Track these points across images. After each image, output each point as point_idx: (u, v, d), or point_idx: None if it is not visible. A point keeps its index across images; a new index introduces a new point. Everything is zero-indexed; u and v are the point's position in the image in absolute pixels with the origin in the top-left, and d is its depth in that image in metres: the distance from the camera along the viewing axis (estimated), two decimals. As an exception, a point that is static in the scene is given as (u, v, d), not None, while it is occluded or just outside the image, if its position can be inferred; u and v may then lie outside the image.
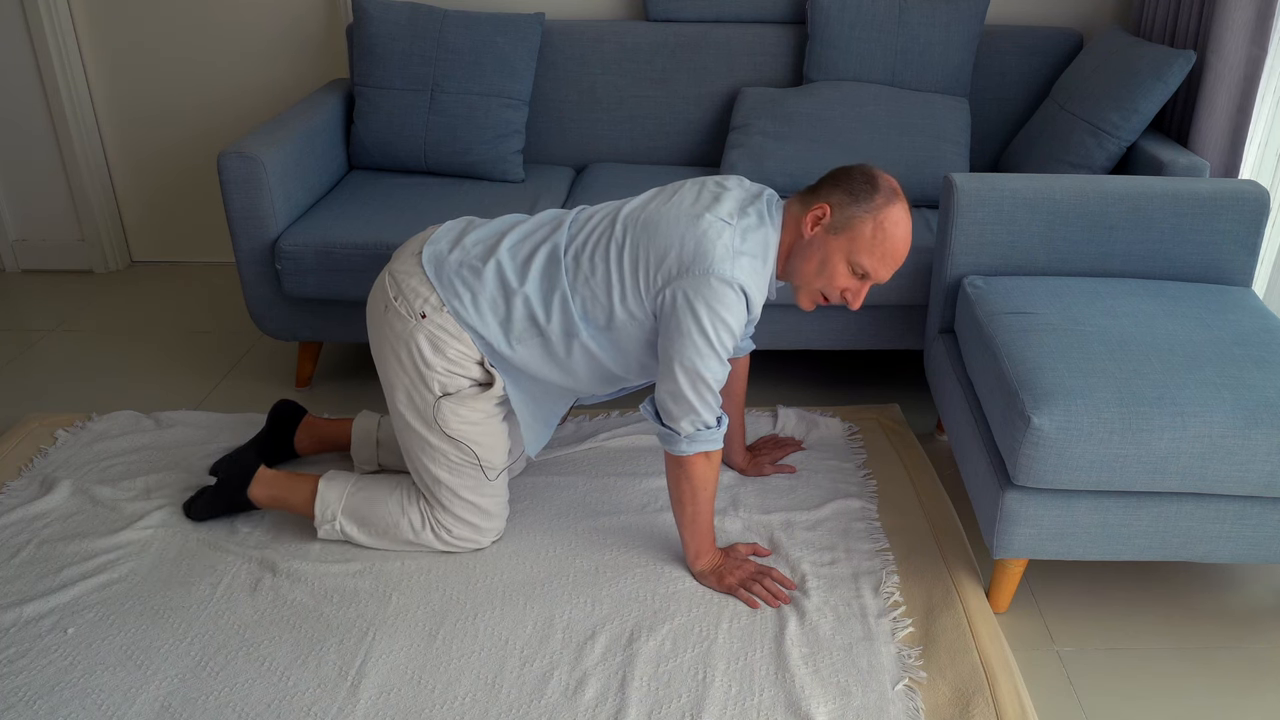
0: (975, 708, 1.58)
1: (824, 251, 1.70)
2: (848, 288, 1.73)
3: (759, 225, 1.71)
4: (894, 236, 1.67)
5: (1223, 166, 2.26)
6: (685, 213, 1.69)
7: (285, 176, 2.42)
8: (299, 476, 1.97)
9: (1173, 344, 1.75)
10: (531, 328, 1.76)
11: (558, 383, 1.84)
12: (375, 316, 1.85)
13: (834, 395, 2.58)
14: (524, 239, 1.80)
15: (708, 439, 1.73)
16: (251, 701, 1.60)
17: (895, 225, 1.67)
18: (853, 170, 1.71)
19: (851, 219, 1.67)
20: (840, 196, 1.68)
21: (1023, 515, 1.71)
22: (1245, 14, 2.18)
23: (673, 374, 1.68)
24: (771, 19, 2.83)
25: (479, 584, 1.86)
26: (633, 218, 1.73)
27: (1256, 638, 1.79)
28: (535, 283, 1.75)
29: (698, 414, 1.70)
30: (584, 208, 1.84)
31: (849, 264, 1.70)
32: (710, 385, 1.69)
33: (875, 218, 1.66)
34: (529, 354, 1.78)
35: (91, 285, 3.29)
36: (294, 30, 3.08)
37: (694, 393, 1.68)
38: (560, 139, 2.90)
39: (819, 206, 1.68)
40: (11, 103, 3.16)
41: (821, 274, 1.72)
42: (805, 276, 1.74)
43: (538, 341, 1.77)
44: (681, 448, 1.73)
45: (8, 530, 2.00)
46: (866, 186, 1.67)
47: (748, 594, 1.80)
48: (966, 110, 2.60)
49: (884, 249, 1.68)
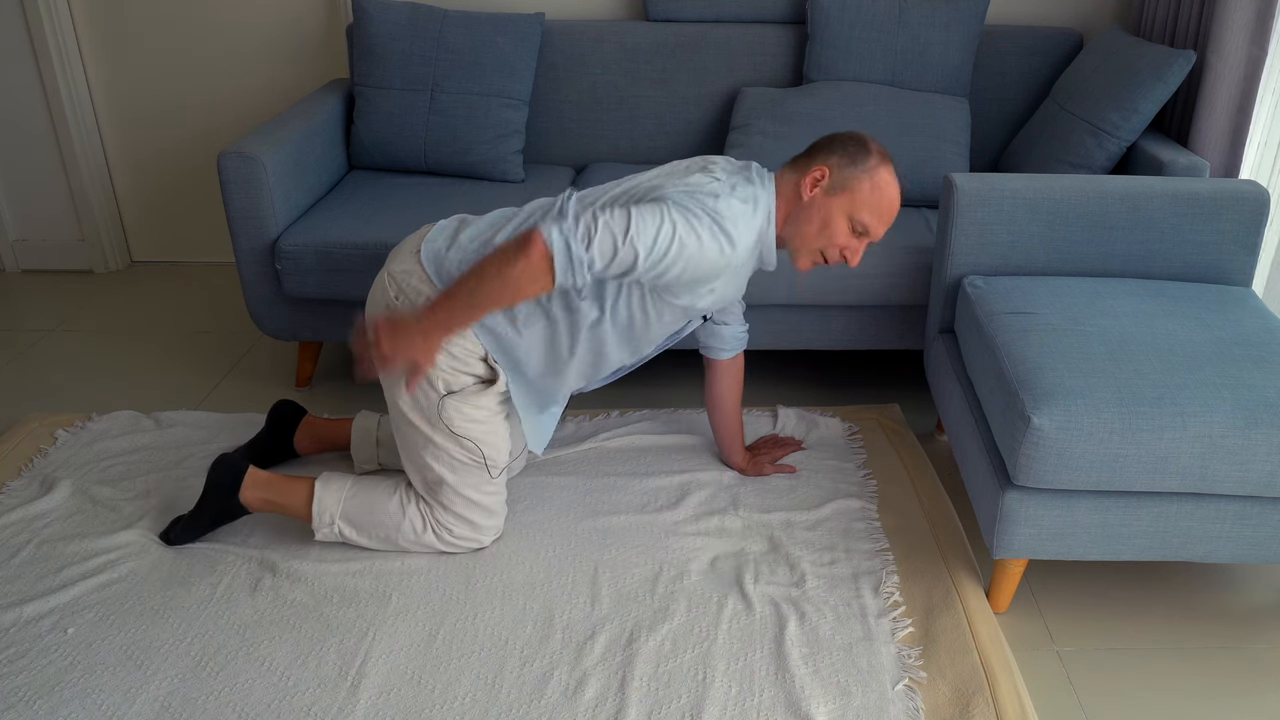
0: (975, 708, 1.58)
1: (825, 212, 1.75)
2: (847, 245, 1.77)
3: (749, 184, 1.75)
4: (889, 195, 1.75)
5: (1223, 166, 2.26)
6: (679, 174, 1.75)
7: (285, 176, 2.42)
8: (291, 479, 1.94)
9: (1173, 344, 1.75)
10: (535, 309, 1.77)
11: (560, 368, 1.84)
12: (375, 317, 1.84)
13: (834, 395, 2.58)
14: (519, 226, 1.81)
15: (574, 256, 1.56)
16: (251, 701, 1.60)
17: (889, 185, 1.75)
18: (843, 135, 1.77)
19: (849, 179, 1.73)
20: (837, 159, 1.74)
21: (1023, 515, 1.71)
22: (1245, 14, 2.18)
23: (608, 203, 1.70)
24: (771, 19, 2.83)
25: (479, 584, 1.86)
26: (623, 189, 1.77)
27: (1256, 638, 1.79)
28: None
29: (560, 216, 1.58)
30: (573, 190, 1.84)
31: (850, 221, 1.75)
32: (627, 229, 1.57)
33: (871, 178, 1.73)
34: (535, 337, 1.79)
35: (91, 285, 3.29)
36: (294, 30, 3.09)
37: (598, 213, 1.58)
38: (560, 139, 2.90)
39: (817, 169, 1.74)
40: (11, 103, 3.16)
41: (823, 234, 1.76)
42: (806, 238, 1.78)
43: (543, 324, 1.78)
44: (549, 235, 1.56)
45: (8, 530, 2.00)
46: (860, 150, 1.74)
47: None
48: (966, 110, 2.60)
49: (881, 206, 1.74)
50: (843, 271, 2.30)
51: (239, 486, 1.93)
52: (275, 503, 1.93)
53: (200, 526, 1.96)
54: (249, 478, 1.94)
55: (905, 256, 2.30)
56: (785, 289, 2.33)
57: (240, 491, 1.93)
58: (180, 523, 1.97)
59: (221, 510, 1.95)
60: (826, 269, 2.29)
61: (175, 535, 1.96)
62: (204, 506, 1.94)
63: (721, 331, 2.04)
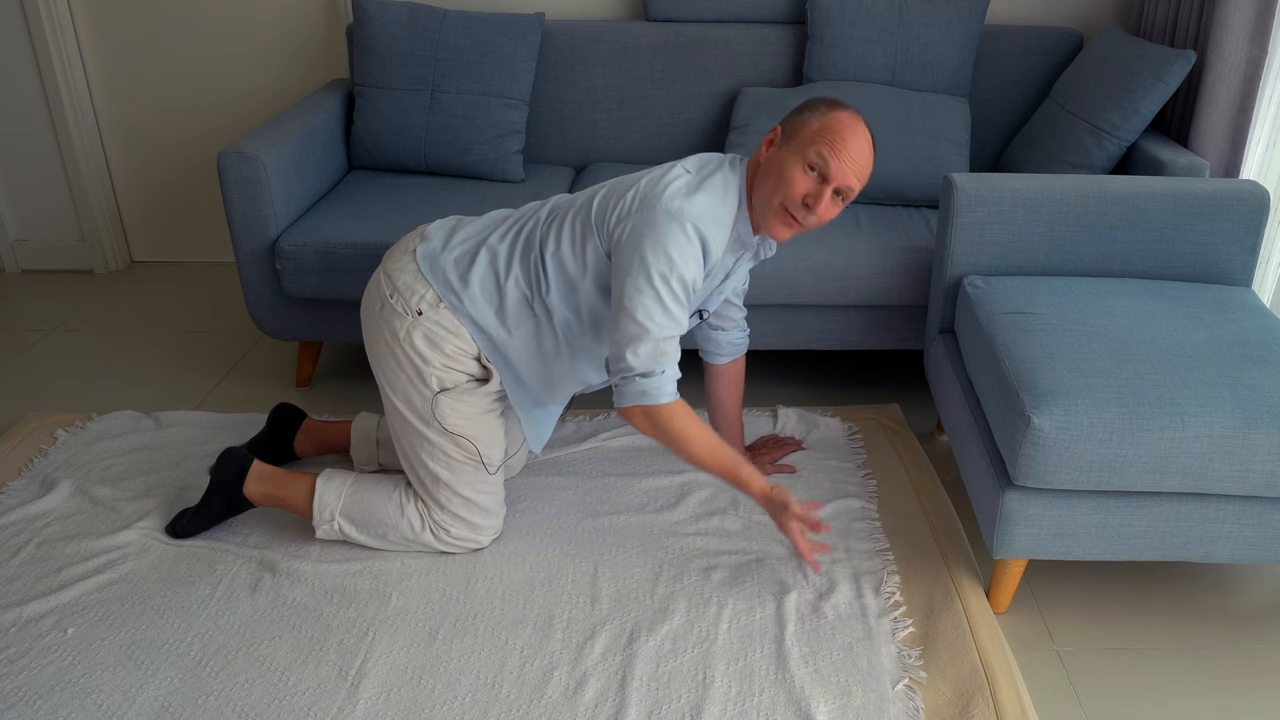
0: (975, 708, 1.58)
1: (779, 162, 1.68)
2: (808, 192, 1.66)
3: (717, 169, 1.74)
4: (842, 125, 1.64)
5: (1223, 166, 2.26)
6: (649, 171, 1.75)
7: (285, 176, 2.42)
8: (295, 474, 1.96)
9: (1173, 344, 1.75)
10: (524, 310, 1.78)
11: (552, 369, 1.85)
12: (370, 315, 1.85)
13: (834, 395, 2.58)
14: (511, 227, 1.83)
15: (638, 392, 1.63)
16: (251, 701, 1.60)
17: (842, 122, 1.64)
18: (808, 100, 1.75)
19: (799, 125, 1.68)
20: (791, 117, 1.71)
21: (1023, 515, 1.71)
22: (1245, 14, 2.18)
23: (616, 318, 1.64)
24: (771, 19, 2.83)
25: (479, 584, 1.86)
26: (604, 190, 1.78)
27: (1256, 638, 1.79)
28: (519, 261, 1.78)
29: (622, 357, 1.63)
30: (564, 195, 1.87)
31: (804, 165, 1.66)
32: (646, 327, 1.61)
33: (821, 118, 1.66)
34: (525, 337, 1.80)
35: (91, 285, 3.29)
36: (294, 30, 3.09)
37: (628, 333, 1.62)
38: (560, 139, 2.90)
39: (771, 131, 1.72)
40: (11, 103, 3.16)
41: (779, 184, 1.67)
42: (766, 195, 1.70)
43: (531, 324, 1.79)
44: (617, 399, 1.66)
45: (8, 530, 2.00)
46: (815, 102, 1.70)
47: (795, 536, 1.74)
48: (966, 110, 2.60)
49: (833, 136, 1.63)
50: (843, 271, 2.30)
51: (244, 480, 1.95)
52: (277, 497, 1.95)
53: (206, 519, 1.98)
54: (254, 471, 1.96)
55: (905, 256, 2.30)
56: (785, 289, 2.33)
57: (245, 485, 1.94)
58: (186, 515, 1.99)
59: (227, 503, 1.97)
60: (828, 269, 2.28)
61: (181, 527, 1.98)
62: (210, 499, 1.96)
63: (718, 338, 2.03)
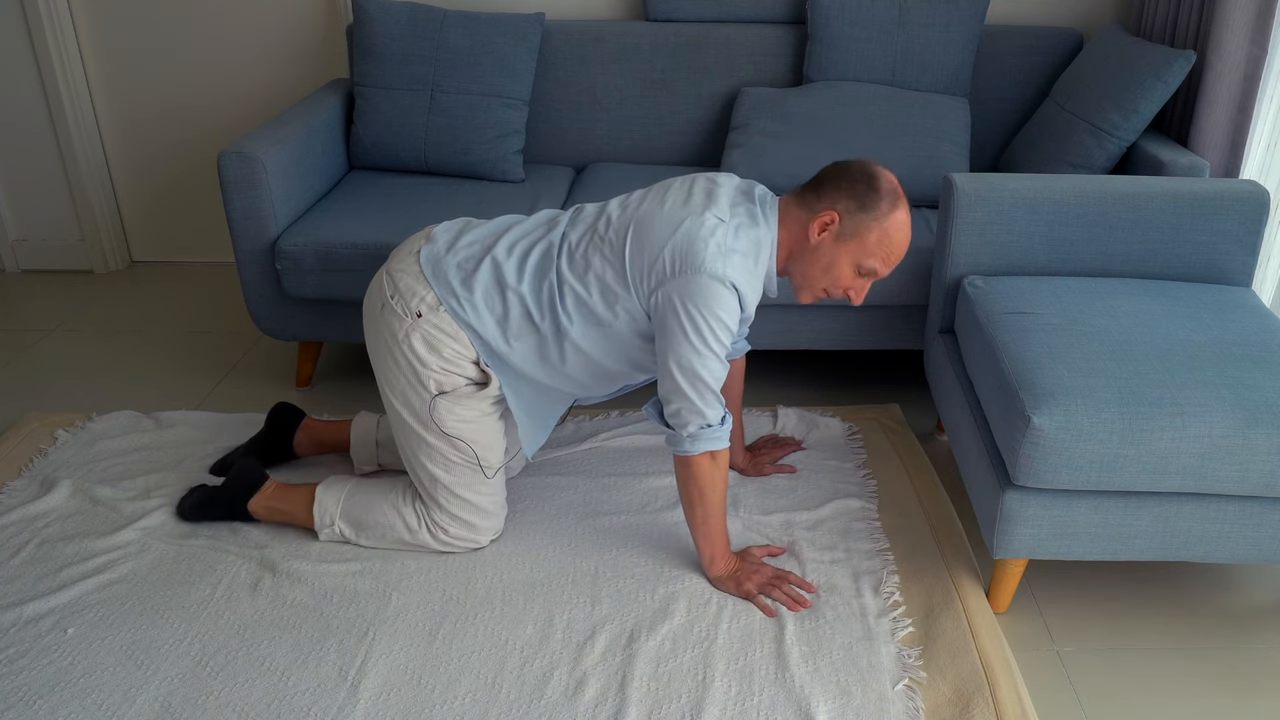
0: (975, 708, 1.58)
1: (831, 257, 1.73)
2: (851, 286, 1.77)
3: (752, 224, 1.71)
4: (898, 241, 1.71)
5: (1223, 166, 2.26)
6: (677, 213, 1.69)
7: (285, 176, 2.42)
8: (296, 487, 1.98)
9: (1173, 344, 1.75)
10: (527, 324, 1.77)
11: (554, 381, 1.84)
12: (371, 315, 1.85)
13: (834, 395, 2.58)
14: (520, 238, 1.81)
15: (711, 437, 1.72)
16: (251, 701, 1.60)
17: (898, 230, 1.70)
18: (853, 170, 1.70)
19: (859, 226, 1.69)
20: (846, 203, 1.69)
21: (1023, 515, 1.71)
22: (1245, 14, 2.18)
23: (670, 374, 1.69)
24: (771, 19, 2.83)
25: (479, 584, 1.86)
26: (624, 218, 1.74)
27: (1256, 638, 1.79)
28: (530, 281, 1.76)
29: (699, 413, 1.70)
30: (580, 206, 1.85)
31: (855, 267, 1.73)
32: (709, 384, 1.69)
33: (882, 225, 1.69)
34: (526, 351, 1.79)
35: (91, 285, 3.29)
36: (294, 30, 3.08)
37: (693, 392, 1.68)
38: (560, 139, 2.90)
39: (827, 214, 1.69)
40: (11, 103, 3.16)
41: (827, 275, 1.75)
42: (810, 278, 1.77)
43: (534, 339, 1.78)
44: (685, 447, 1.73)
45: (8, 530, 2.00)
46: (871, 193, 1.68)
47: (764, 602, 1.79)
48: (966, 110, 2.60)
49: (888, 251, 1.72)
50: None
51: (251, 496, 1.98)
52: (280, 510, 1.97)
53: (209, 516, 2.02)
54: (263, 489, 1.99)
55: (905, 256, 2.30)
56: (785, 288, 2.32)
57: (251, 500, 1.98)
58: (195, 495, 2.03)
59: (230, 514, 2.01)
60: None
61: (186, 510, 2.02)
62: (218, 502, 2.00)
63: None
